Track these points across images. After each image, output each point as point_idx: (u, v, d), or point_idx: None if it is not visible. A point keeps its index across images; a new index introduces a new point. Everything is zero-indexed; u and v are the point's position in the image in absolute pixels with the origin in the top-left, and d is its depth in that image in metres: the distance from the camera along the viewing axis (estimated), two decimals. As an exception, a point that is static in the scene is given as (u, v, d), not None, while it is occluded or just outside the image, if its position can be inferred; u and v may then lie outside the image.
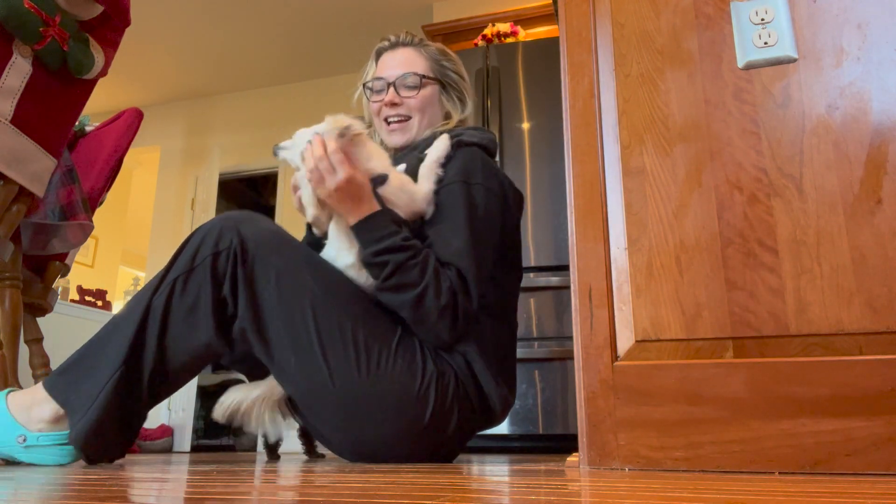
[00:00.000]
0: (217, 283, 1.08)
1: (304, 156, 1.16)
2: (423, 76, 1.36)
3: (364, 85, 1.42)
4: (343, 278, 1.16)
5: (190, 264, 1.08)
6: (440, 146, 1.24)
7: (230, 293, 1.08)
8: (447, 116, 1.40)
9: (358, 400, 1.08)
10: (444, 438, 1.14)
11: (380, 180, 1.16)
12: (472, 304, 1.13)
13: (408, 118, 1.36)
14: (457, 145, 1.26)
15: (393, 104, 1.35)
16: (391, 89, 1.36)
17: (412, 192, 1.19)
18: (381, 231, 1.12)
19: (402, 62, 1.38)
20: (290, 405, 1.20)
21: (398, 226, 1.14)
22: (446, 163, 1.23)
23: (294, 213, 1.35)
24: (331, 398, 1.08)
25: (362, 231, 1.13)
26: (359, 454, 1.16)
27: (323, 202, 1.17)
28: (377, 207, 1.14)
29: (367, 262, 1.13)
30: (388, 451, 1.13)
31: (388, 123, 1.37)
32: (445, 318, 1.10)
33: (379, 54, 1.43)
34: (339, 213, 1.16)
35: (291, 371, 1.10)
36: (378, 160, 1.19)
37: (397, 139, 1.36)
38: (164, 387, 1.09)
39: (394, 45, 1.41)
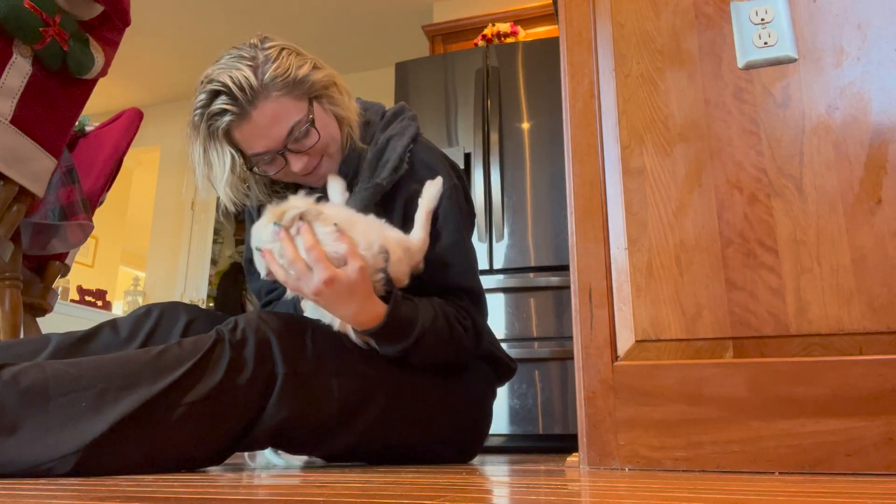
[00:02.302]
0: (250, 407, 0.90)
1: (267, 267, 0.96)
2: (306, 122, 1.07)
3: (251, 170, 1.12)
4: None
5: (224, 381, 0.87)
6: (433, 193, 1.08)
7: (273, 416, 0.91)
8: (342, 122, 1.16)
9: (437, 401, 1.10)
10: (485, 427, 1.23)
11: None
12: (485, 316, 1.17)
13: (320, 158, 1.14)
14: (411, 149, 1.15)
15: (303, 167, 1.11)
16: (289, 156, 1.10)
17: (409, 250, 1.04)
18: (395, 339, 1.00)
19: (270, 122, 1.06)
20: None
21: (413, 317, 1.00)
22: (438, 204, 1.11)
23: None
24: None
25: (375, 338, 1.00)
26: (394, 452, 1.10)
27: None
28: (380, 311, 0.97)
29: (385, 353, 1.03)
30: (441, 449, 1.14)
31: (304, 176, 1.15)
32: (471, 348, 1.12)
33: (227, 133, 1.08)
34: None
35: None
36: (361, 232, 0.97)
37: (321, 181, 1.16)
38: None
39: (243, 115, 1.05)
